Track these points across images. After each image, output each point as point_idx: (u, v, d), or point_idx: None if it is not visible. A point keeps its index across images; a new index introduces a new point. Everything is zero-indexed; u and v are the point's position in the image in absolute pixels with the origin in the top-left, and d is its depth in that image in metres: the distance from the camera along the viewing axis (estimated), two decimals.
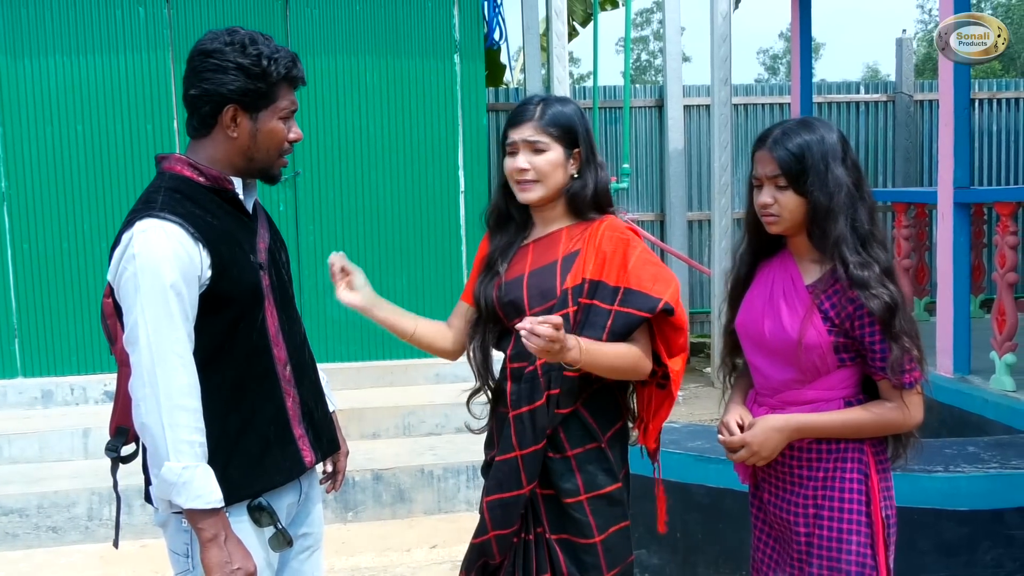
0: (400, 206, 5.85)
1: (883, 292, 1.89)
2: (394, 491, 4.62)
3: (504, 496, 2.11)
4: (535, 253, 2.19)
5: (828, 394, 1.99)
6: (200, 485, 1.78)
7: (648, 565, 3.47)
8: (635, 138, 8.12)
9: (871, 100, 8.40)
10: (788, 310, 1.99)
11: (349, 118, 5.76)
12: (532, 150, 2.12)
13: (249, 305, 1.91)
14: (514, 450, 2.10)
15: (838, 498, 1.98)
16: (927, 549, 3.03)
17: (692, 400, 6.76)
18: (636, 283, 2.06)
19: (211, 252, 1.83)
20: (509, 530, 2.13)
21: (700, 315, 8.16)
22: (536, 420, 2.09)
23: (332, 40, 5.71)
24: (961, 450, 3.29)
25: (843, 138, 1.97)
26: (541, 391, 2.09)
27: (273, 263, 2.01)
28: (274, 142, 1.93)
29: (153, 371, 1.75)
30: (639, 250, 2.11)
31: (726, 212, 7.00)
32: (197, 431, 1.79)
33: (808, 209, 1.94)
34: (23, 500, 4.36)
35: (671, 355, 2.11)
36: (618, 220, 2.19)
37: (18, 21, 5.42)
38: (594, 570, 2.10)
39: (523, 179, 2.13)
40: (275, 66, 1.88)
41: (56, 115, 5.47)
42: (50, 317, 5.51)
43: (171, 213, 1.81)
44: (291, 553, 2.11)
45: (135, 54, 5.50)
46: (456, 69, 5.86)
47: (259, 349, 1.93)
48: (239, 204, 1.96)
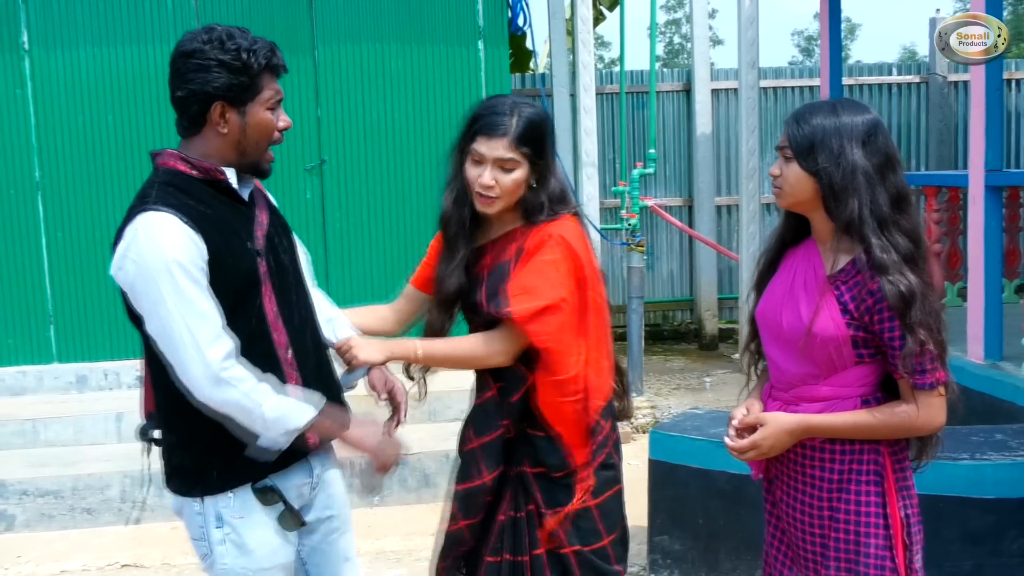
0: (425, 193, 5.87)
1: (900, 280, 1.83)
2: (419, 476, 4.67)
3: (468, 486, 2.20)
4: (492, 253, 2.23)
5: (844, 391, 1.94)
6: (292, 406, 1.91)
7: (670, 551, 3.48)
8: (663, 123, 8.07)
9: (904, 82, 8.26)
10: (807, 300, 1.95)
11: (375, 105, 5.79)
12: (501, 168, 2.13)
13: (245, 291, 1.94)
14: (472, 440, 2.20)
15: (854, 500, 1.94)
16: (952, 538, 3.00)
17: (719, 386, 6.72)
18: (511, 284, 2.12)
19: (206, 240, 1.87)
20: (476, 518, 2.21)
21: (728, 301, 8.12)
22: (487, 411, 2.19)
23: (357, 28, 5.73)
24: (988, 437, 3.24)
25: (874, 123, 1.92)
26: (490, 384, 2.19)
27: (272, 249, 2.03)
28: (264, 133, 1.97)
29: (195, 342, 1.82)
30: (544, 258, 2.13)
31: (754, 197, 6.93)
32: (253, 374, 1.88)
33: (819, 188, 1.91)
34: (58, 482, 4.47)
35: (545, 367, 2.12)
36: (566, 223, 2.19)
37: (50, 14, 5.51)
38: (593, 535, 2.18)
39: (487, 195, 2.15)
40: (255, 58, 1.90)
41: (87, 105, 5.57)
42: (84, 304, 5.63)
43: (164, 205, 1.86)
44: (318, 535, 2.15)
45: (163, 44, 5.55)
46: (480, 55, 5.85)
47: (258, 334, 1.96)
48: (234, 193, 1.99)
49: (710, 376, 7.01)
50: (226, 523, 1.97)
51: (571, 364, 2.12)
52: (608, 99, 8.00)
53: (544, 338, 2.09)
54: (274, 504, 1.99)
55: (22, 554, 4.19)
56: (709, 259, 8.00)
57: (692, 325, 8.24)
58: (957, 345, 4.60)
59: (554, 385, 2.13)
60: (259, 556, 1.99)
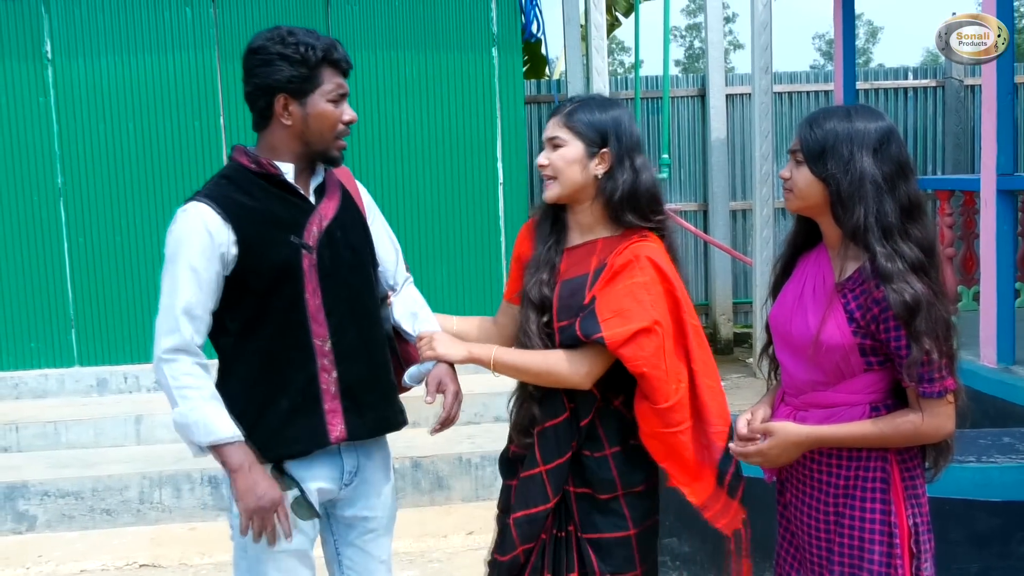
0: (439, 198, 5.94)
1: (905, 288, 1.82)
2: (432, 478, 4.71)
3: (531, 512, 2.12)
4: (568, 263, 2.15)
5: (853, 398, 1.94)
6: (203, 425, 1.97)
7: (679, 553, 3.50)
8: (678, 128, 8.09)
9: (920, 86, 8.24)
10: (814, 308, 1.95)
11: (389, 112, 5.86)
12: (552, 146, 2.11)
13: (279, 280, 2.03)
14: (539, 465, 2.11)
15: (859, 507, 1.94)
16: (959, 540, 3.01)
17: (733, 390, 6.73)
18: (600, 305, 2.03)
19: (236, 230, 1.99)
20: (534, 542, 2.13)
21: (743, 305, 8.12)
22: (559, 434, 2.11)
23: (372, 35, 5.81)
24: (996, 440, 3.25)
25: (888, 131, 1.91)
26: (564, 406, 2.10)
27: (329, 243, 2.09)
28: (327, 124, 2.06)
29: (158, 326, 1.99)
30: (634, 280, 2.03)
31: (767, 201, 6.94)
32: (195, 375, 1.98)
33: (827, 194, 1.91)
34: (79, 483, 4.55)
35: (645, 395, 2.04)
36: (652, 245, 2.09)
37: (72, 23, 5.62)
38: (627, 564, 2.11)
39: (543, 174, 2.13)
40: (313, 52, 2.01)
41: (109, 113, 5.67)
42: (105, 308, 5.72)
43: (208, 196, 2.01)
44: (355, 533, 2.22)
45: (183, 53, 5.67)
46: (494, 62, 5.91)
47: (294, 323, 2.05)
48: (291, 188, 2.08)
49: (724, 380, 6.97)
50: None
51: (671, 391, 2.02)
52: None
53: (639, 363, 1.99)
54: (290, 489, 2.05)
55: (43, 554, 4.27)
56: (724, 263, 8.01)
57: (707, 329, 8.22)
58: (969, 349, 4.59)
59: (656, 415, 2.03)
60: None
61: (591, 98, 2.18)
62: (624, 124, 2.12)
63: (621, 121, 2.11)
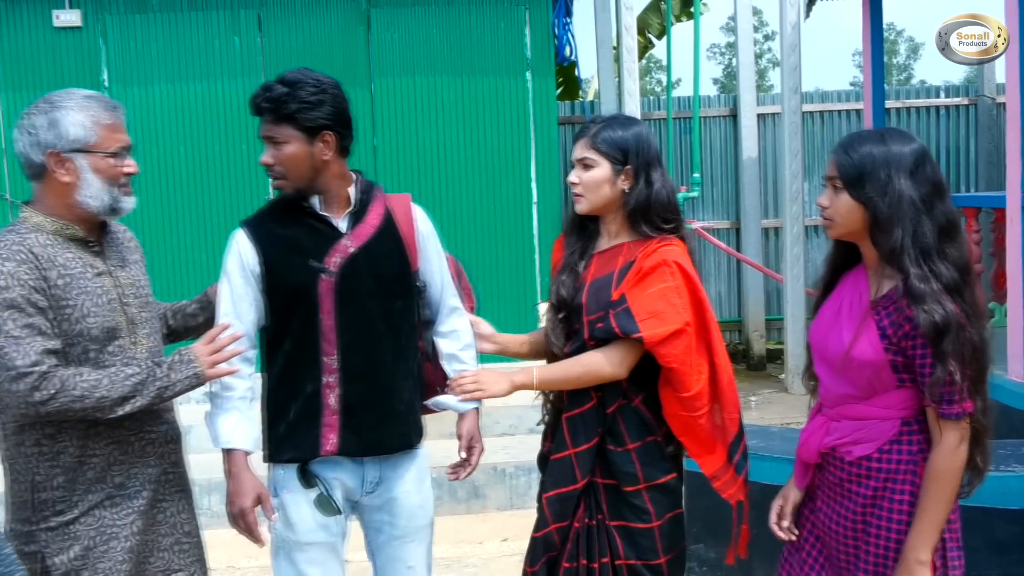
0: (476, 217, 6.12)
1: (935, 309, 1.83)
2: (468, 487, 4.86)
3: (561, 491, 2.31)
4: (598, 264, 2.36)
5: (885, 412, 1.97)
6: (212, 430, 2.27)
7: (705, 559, 3.61)
8: (710, 147, 8.20)
9: (952, 104, 8.27)
10: (849, 325, 1.99)
11: (427, 134, 6.07)
12: (582, 166, 2.32)
13: (295, 300, 2.24)
14: (568, 448, 2.31)
15: (886, 517, 1.97)
16: (978, 547, 3.07)
17: (764, 405, 6.80)
18: (634, 303, 2.22)
19: (261, 252, 2.24)
20: (567, 522, 2.31)
21: (776, 322, 8.16)
22: (586, 420, 2.30)
23: (411, 61, 6.03)
24: (1015, 450, 3.32)
25: (922, 153, 1.94)
26: (591, 395, 2.30)
27: (353, 271, 2.25)
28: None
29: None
30: (664, 284, 2.23)
31: (797, 219, 7.02)
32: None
33: (867, 217, 1.94)
34: None
35: (670, 383, 2.25)
36: (676, 249, 2.29)
37: (128, 53, 5.92)
38: (651, 553, 2.28)
39: (575, 192, 2.34)
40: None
41: (161, 138, 5.94)
42: None
43: (247, 222, 2.28)
44: (383, 537, 2.39)
45: (231, 80, 5.93)
46: (528, 85, 6.10)
47: (307, 340, 2.25)
48: (318, 216, 2.27)
49: (756, 396, 7.09)
50: (279, 493, 2.28)
51: (694, 382, 2.24)
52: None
53: (671, 359, 2.21)
54: (313, 487, 2.25)
55: None
56: (756, 281, 8.08)
57: (740, 346, 8.30)
58: (998, 364, 4.64)
59: (679, 401, 2.25)
60: (300, 531, 2.28)
61: (613, 118, 2.38)
62: (642, 141, 2.32)
63: (640, 138, 2.32)
